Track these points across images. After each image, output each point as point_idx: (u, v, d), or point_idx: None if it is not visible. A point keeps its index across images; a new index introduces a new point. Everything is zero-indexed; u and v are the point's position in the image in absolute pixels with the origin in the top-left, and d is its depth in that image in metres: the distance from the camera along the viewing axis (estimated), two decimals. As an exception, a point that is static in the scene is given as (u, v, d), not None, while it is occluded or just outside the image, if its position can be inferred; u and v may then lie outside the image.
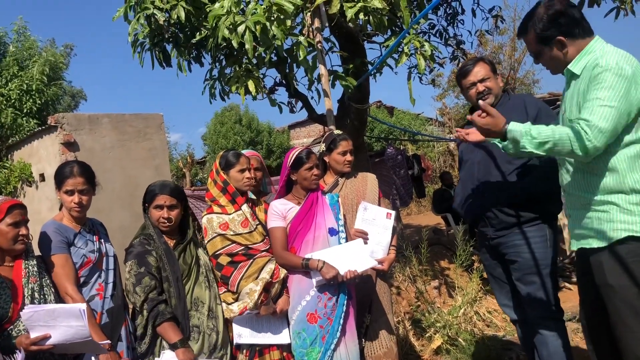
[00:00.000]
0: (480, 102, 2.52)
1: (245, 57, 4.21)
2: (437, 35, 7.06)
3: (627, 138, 2.24)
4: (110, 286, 2.74)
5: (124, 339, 2.71)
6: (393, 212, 3.28)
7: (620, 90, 2.17)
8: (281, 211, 3.01)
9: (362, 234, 3.16)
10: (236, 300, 2.90)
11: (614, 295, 2.27)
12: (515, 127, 2.33)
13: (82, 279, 2.64)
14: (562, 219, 5.10)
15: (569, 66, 2.40)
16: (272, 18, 3.41)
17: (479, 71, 3.10)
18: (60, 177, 2.70)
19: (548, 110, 3.04)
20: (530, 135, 2.29)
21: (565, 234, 6.50)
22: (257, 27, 3.42)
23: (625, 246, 2.24)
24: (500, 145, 2.52)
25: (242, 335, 2.87)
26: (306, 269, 2.85)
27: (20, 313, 2.14)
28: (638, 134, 2.24)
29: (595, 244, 2.33)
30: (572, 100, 2.38)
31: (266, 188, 3.66)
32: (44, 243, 2.59)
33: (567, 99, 2.45)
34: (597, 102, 2.18)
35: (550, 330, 2.95)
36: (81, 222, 2.77)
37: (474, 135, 2.81)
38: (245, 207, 3.02)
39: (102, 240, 2.85)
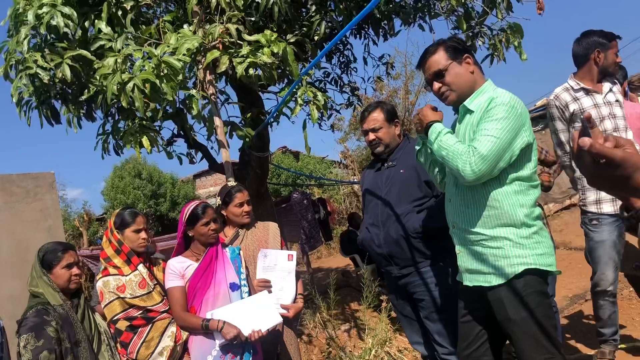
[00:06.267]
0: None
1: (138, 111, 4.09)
2: (333, 82, 7.29)
3: (513, 175, 2.36)
4: None
5: None
6: (294, 253, 3.25)
7: (508, 124, 2.28)
8: (178, 269, 2.90)
9: (265, 284, 3.11)
10: None
11: (516, 328, 2.34)
12: (437, 126, 2.52)
13: None
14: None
15: (465, 102, 2.52)
16: (162, 74, 3.35)
17: (372, 120, 3.23)
18: None
19: None
20: (440, 138, 2.45)
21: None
22: (147, 85, 3.34)
23: (521, 280, 2.32)
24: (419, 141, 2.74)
25: None
26: (206, 330, 2.75)
27: None
28: (521, 172, 2.36)
29: (495, 281, 2.38)
30: (465, 133, 2.49)
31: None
32: None
33: (460, 132, 2.54)
34: (485, 132, 2.30)
35: None
36: None
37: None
38: (141, 267, 2.90)
39: None
